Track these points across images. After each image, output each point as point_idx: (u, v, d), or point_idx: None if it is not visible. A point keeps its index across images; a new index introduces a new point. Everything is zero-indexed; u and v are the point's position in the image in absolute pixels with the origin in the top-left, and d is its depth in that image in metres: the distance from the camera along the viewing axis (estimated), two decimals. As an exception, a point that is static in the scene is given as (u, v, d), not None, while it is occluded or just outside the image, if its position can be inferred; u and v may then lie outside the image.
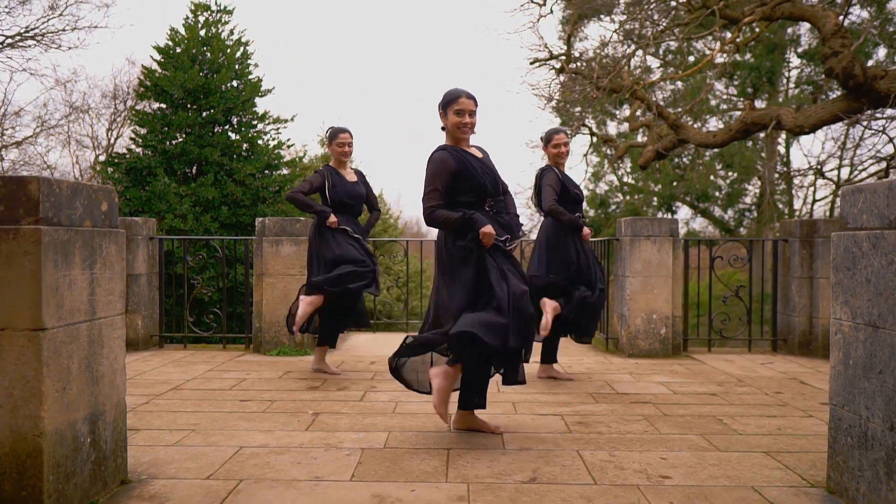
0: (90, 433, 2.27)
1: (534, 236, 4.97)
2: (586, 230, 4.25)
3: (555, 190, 4.17)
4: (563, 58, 10.09)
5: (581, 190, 4.40)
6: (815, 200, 20.16)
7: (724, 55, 9.44)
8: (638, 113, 12.80)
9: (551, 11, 9.66)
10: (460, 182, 2.98)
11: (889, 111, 9.47)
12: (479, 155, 3.15)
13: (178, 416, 3.44)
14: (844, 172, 18.49)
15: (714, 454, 2.84)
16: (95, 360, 2.30)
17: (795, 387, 4.26)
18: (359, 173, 4.61)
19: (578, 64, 10.41)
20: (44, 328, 2.01)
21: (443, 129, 3.11)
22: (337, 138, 4.45)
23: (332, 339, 4.67)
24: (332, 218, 4.33)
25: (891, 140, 9.80)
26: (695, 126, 17.27)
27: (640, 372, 4.72)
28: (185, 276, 6.04)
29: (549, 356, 4.41)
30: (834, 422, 2.40)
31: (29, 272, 2.00)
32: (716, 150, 15.33)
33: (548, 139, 4.30)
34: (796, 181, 19.78)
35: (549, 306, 4.11)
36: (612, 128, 21.25)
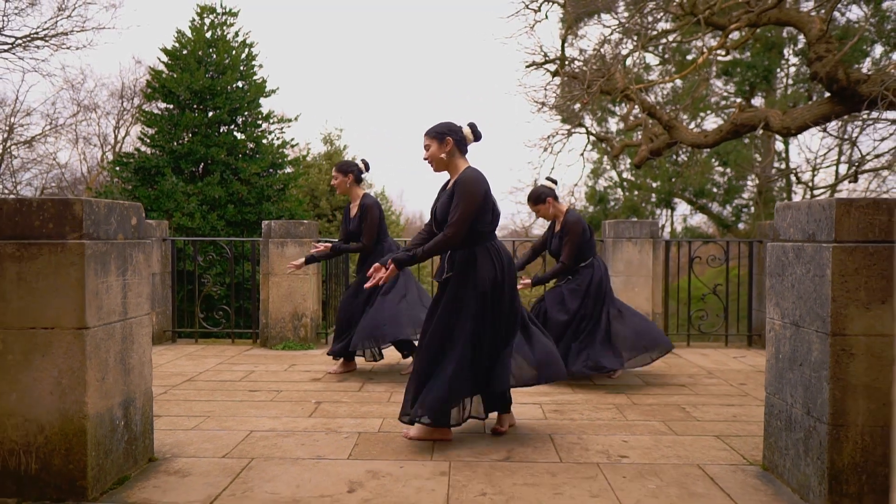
0: (123, 417, 2.64)
1: None
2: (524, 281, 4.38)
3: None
4: (558, 62, 10.40)
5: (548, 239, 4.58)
6: (812, 197, 20.42)
7: (714, 58, 9.73)
8: (635, 110, 13.10)
9: (546, 17, 9.98)
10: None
11: (867, 114, 9.75)
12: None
13: (193, 405, 3.82)
14: (843, 168, 18.81)
15: (670, 437, 3.20)
16: (127, 354, 2.67)
17: (760, 379, 4.61)
18: (363, 199, 4.52)
19: (572, 66, 10.72)
20: (87, 327, 2.38)
21: None
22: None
23: (408, 348, 4.74)
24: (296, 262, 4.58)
25: (860, 151, 10.09)
26: (691, 124, 17.57)
27: (619, 365, 5.07)
28: (196, 274, 6.40)
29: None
30: (768, 408, 2.76)
31: (74, 280, 2.36)
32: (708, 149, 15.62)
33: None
34: (793, 177, 20.05)
35: None
36: (612, 124, 21.58)
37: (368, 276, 3.17)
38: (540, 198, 4.40)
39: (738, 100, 17.87)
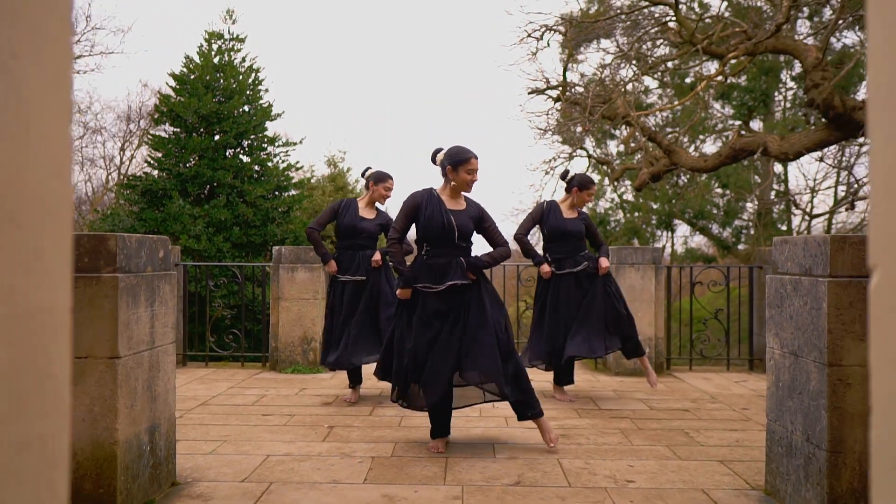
0: (149, 442, 2.74)
1: None
2: (545, 268, 4.66)
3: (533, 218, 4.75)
4: (560, 88, 10.63)
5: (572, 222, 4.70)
6: (811, 217, 20.58)
7: (713, 85, 9.95)
8: (637, 135, 13.32)
9: (548, 45, 10.22)
10: (423, 223, 3.47)
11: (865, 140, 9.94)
12: (461, 207, 3.55)
13: (209, 429, 3.91)
14: (841, 191, 19.06)
15: (675, 462, 3.30)
16: (154, 382, 2.78)
17: (762, 404, 4.70)
18: (383, 214, 4.75)
19: (574, 92, 10.94)
20: (118, 356, 2.50)
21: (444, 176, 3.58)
22: (385, 182, 4.67)
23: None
24: (332, 266, 4.60)
25: (856, 179, 10.26)
26: (690, 148, 17.79)
27: (623, 389, 5.17)
28: (207, 299, 6.52)
29: (563, 378, 4.83)
30: (769, 434, 2.86)
31: (108, 311, 2.49)
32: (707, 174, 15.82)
33: (583, 186, 4.73)
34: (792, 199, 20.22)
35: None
36: (611, 146, 21.83)
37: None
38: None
39: (737, 123, 18.13)
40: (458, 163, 3.50)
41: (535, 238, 5.62)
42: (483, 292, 3.48)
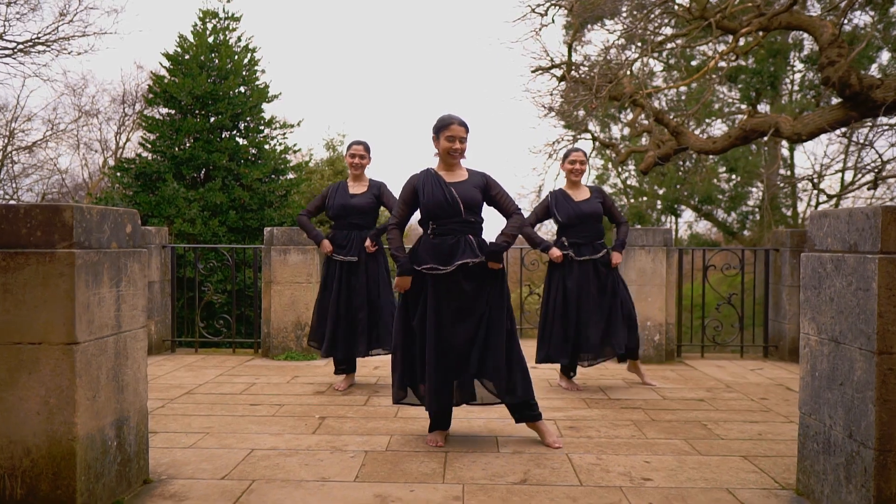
0: (116, 437, 2.47)
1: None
2: (554, 251, 4.30)
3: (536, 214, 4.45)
4: (565, 66, 10.28)
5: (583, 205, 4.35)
6: (818, 203, 20.24)
7: (724, 62, 9.60)
8: (641, 117, 12.97)
9: (552, 21, 9.86)
10: (425, 201, 3.17)
11: (883, 119, 9.62)
12: (462, 178, 3.24)
13: (192, 420, 3.65)
14: (848, 175, 18.75)
15: (695, 458, 3.03)
16: (121, 370, 2.51)
17: (781, 393, 4.43)
18: (375, 185, 4.48)
19: (579, 72, 10.59)
20: (77, 342, 2.22)
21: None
22: (349, 149, 4.48)
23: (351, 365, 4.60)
24: (325, 245, 4.41)
25: (880, 156, 9.94)
26: (696, 131, 17.43)
27: (633, 378, 4.90)
28: (197, 282, 6.25)
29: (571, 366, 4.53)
30: (802, 429, 2.59)
31: (64, 292, 2.21)
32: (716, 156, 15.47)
33: (564, 157, 4.48)
34: (800, 185, 19.90)
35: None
36: (615, 131, 21.45)
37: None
38: None
39: (744, 105, 17.76)
40: (438, 129, 3.22)
41: (542, 230, 5.33)
42: (503, 285, 3.20)
